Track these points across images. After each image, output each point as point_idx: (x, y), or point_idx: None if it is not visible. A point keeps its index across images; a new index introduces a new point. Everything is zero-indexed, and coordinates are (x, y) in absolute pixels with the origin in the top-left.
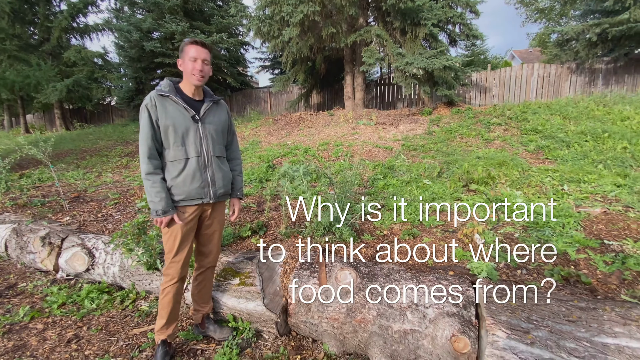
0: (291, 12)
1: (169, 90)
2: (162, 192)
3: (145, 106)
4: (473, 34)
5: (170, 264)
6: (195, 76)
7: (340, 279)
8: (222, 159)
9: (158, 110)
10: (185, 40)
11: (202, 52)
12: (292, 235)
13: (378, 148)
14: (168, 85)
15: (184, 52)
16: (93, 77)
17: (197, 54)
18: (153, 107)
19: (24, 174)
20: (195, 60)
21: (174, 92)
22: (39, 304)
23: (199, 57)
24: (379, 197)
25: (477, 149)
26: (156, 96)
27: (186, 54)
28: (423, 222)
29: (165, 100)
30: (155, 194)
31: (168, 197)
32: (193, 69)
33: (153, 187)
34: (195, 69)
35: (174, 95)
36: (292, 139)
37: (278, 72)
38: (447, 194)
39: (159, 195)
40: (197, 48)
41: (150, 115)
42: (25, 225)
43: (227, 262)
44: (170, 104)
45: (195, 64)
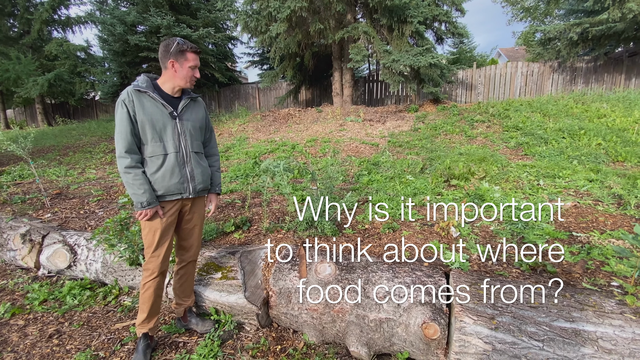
0: (278, 8)
1: (147, 87)
2: (145, 184)
3: (122, 101)
4: (459, 32)
5: (150, 259)
6: (191, 83)
7: (319, 271)
8: (201, 154)
9: (135, 106)
10: (181, 43)
11: (199, 61)
12: (275, 230)
13: (365, 144)
14: (145, 81)
15: (184, 57)
16: (76, 72)
17: (195, 62)
18: (130, 103)
19: (3, 171)
20: (194, 68)
21: (152, 88)
22: (20, 300)
23: (197, 65)
24: (363, 192)
25: (460, 146)
26: (133, 91)
27: (187, 61)
28: (404, 216)
29: (142, 96)
30: (138, 186)
31: (151, 189)
32: (191, 77)
33: (135, 179)
34: (194, 77)
35: (152, 91)
36: (280, 135)
37: (267, 68)
38: (428, 189)
39: (142, 187)
40: (196, 57)
41: (128, 111)
42: (5, 222)
43: (210, 257)
44: (147, 100)
45: (194, 72)
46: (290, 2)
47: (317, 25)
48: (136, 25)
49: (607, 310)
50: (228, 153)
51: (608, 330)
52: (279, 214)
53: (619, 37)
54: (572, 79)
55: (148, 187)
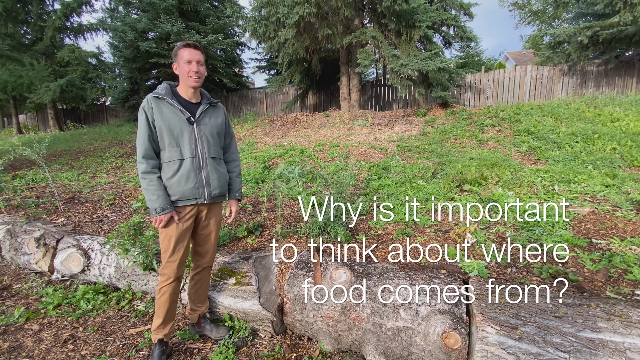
0: (287, 14)
1: (166, 93)
2: (159, 189)
3: (142, 108)
4: (467, 36)
5: (167, 264)
6: (192, 78)
7: (335, 277)
8: (219, 160)
9: (154, 112)
10: (178, 44)
11: (196, 54)
12: (287, 235)
13: (373, 149)
14: (165, 89)
15: (178, 55)
16: (87, 77)
17: (190, 56)
18: (150, 110)
19: (17, 175)
20: (190, 62)
21: (170, 94)
22: (34, 305)
23: (193, 59)
24: (373, 197)
25: (471, 150)
26: (152, 98)
27: (180, 58)
28: (417, 222)
29: (161, 103)
30: (152, 192)
31: (166, 195)
32: (189, 71)
33: (150, 185)
34: (191, 70)
35: (170, 97)
36: (288, 140)
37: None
38: (440, 195)
39: (156, 193)
40: (190, 50)
41: (147, 117)
42: (20, 226)
43: (224, 262)
44: (165, 106)
45: (190, 66)
46: (298, 8)
47: (325, 30)
48: (147, 32)
49: (635, 320)
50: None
51: (636, 341)
52: (290, 219)
53: (630, 41)
54: (582, 82)
55: (162, 193)
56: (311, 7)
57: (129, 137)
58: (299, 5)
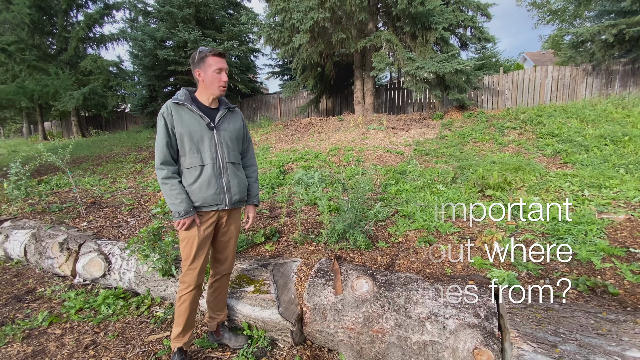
0: (301, 19)
1: (185, 99)
2: (182, 193)
3: (161, 114)
4: (485, 37)
5: (187, 272)
6: (222, 87)
7: (356, 287)
8: (238, 165)
9: (174, 119)
10: (204, 50)
11: (224, 63)
12: (305, 241)
13: (389, 153)
14: (184, 94)
15: (206, 63)
16: (108, 86)
17: (221, 65)
18: (169, 116)
19: (42, 180)
20: (220, 71)
21: (190, 100)
22: (57, 309)
23: (223, 68)
24: (392, 202)
25: (492, 154)
26: (172, 105)
27: (209, 66)
28: (439, 228)
29: (180, 109)
30: (175, 195)
31: (188, 199)
32: (219, 81)
33: (172, 189)
34: (222, 80)
35: (190, 103)
36: (303, 144)
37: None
38: (462, 200)
39: (179, 196)
40: (220, 60)
41: (166, 123)
42: (44, 230)
43: (242, 269)
44: (185, 112)
45: (220, 76)
46: (312, 13)
47: (339, 35)
48: (165, 41)
49: None
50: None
51: None
52: (307, 225)
53: None
54: (607, 82)
55: (185, 197)
56: (325, 12)
57: (147, 143)
58: (313, 10)
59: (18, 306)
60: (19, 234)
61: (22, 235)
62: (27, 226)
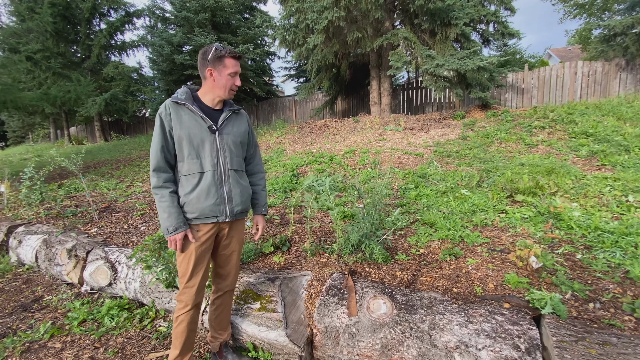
0: (316, 19)
1: (186, 98)
2: (172, 206)
3: (159, 115)
4: (508, 31)
5: (184, 290)
6: (232, 91)
7: (373, 309)
8: (241, 172)
9: (172, 120)
10: (221, 50)
11: (239, 67)
12: (317, 252)
13: (408, 155)
14: (185, 93)
15: (222, 63)
16: (129, 91)
17: (237, 69)
18: (167, 117)
19: (62, 184)
20: (235, 75)
21: (191, 100)
22: (61, 320)
23: (237, 72)
24: (411, 208)
25: (520, 155)
26: (171, 104)
27: (225, 68)
28: (465, 238)
29: (180, 109)
30: (164, 208)
31: (179, 213)
32: (232, 85)
33: (162, 201)
34: (235, 85)
35: (191, 103)
36: (317, 147)
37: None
38: (489, 206)
39: (167, 210)
40: (237, 63)
41: (163, 125)
42: (55, 236)
43: (248, 283)
44: (185, 112)
45: (235, 80)
46: (327, 12)
47: (354, 34)
48: (182, 46)
49: None
50: (266, 166)
51: None
52: (320, 233)
53: None
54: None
55: (175, 210)
56: (340, 10)
57: None
58: (327, 10)
59: (23, 315)
60: (32, 239)
61: (34, 241)
62: (39, 231)
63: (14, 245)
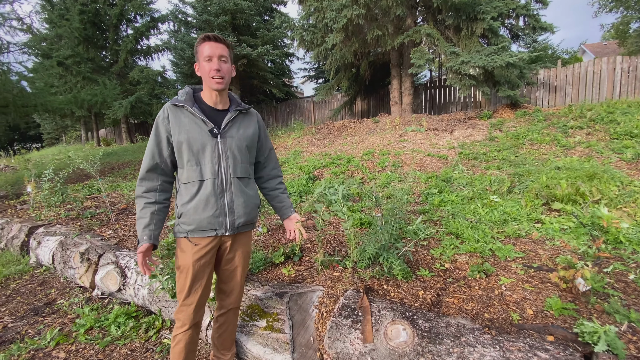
0: (334, 18)
1: (186, 100)
2: (141, 217)
3: (156, 119)
4: (541, 25)
5: (182, 307)
6: (214, 79)
7: (391, 335)
8: (247, 180)
9: (171, 124)
10: (198, 39)
11: (218, 48)
12: (330, 264)
13: (430, 157)
14: (185, 94)
15: (198, 52)
16: (153, 94)
17: (211, 51)
18: (165, 120)
19: (86, 184)
20: (210, 59)
21: (192, 101)
22: (69, 326)
23: (214, 55)
24: (434, 216)
25: (555, 158)
26: (170, 107)
27: (200, 55)
28: (496, 252)
29: (180, 112)
30: (137, 219)
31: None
32: (210, 70)
33: (137, 211)
34: (212, 69)
35: (191, 105)
36: (335, 148)
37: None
38: (522, 215)
39: (138, 222)
40: (210, 44)
41: (158, 131)
42: (72, 238)
43: (255, 297)
44: (185, 115)
45: (211, 64)
46: (346, 10)
47: (374, 32)
48: None
49: None
50: (282, 168)
51: None
52: (334, 242)
53: None
54: None
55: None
56: (360, 8)
57: None
58: (347, 8)
59: (33, 320)
60: (50, 241)
61: (52, 242)
62: (58, 232)
63: (33, 246)
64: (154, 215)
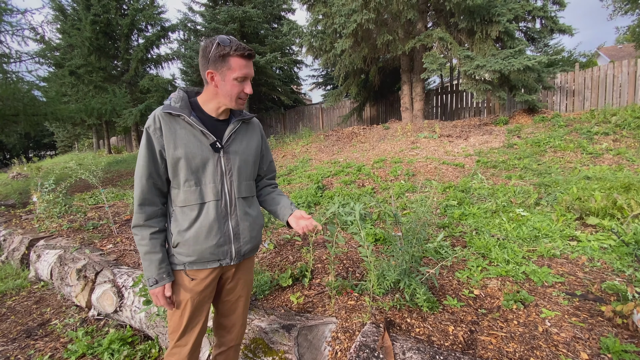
0: (344, 23)
1: (182, 107)
2: (151, 252)
3: (146, 130)
4: (559, 28)
5: (174, 349)
6: (242, 100)
7: None
8: (251, 200)
9: (164, 136)
10: (226, 44)
11: (252, 68)
12: (344, 290)
13: (446, 165)
14: (180, 99)
15: (227, 64)
16: (162, 102)
17: (247, 71)
18: (157, 132)
19: (93, 193)
20: (245, 80)
21: (188, 109)
22: (60, 352)
23: (249, 76)
24: (455, 231)
25: (582, 166)
26: (162, 116)
27: (231, 70)
28: (530, 275)
29: (174, 122)
30: (143, 255)
31: (161, 260)
32: (240, 92)
33: (140, 245)
34: (244, 92)
35: (188, 114)
36: (344, 156)
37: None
38: (554, 231)
39: (147, 257)
40: (247, 63)
41: (151, 144)
42: (70, 253)
43: (259, 329)
44: (181, 126)
45: (244, 85)
46: (356, 16)
47: (384, 37)
48: None
49: None
50: (290, 176)
51: None
52: (347, 261)
53: None
54: None
55: (156, 258)
56: (370, 13)
57: None
58: (356, 12)
59: (25, 343)
60: (49, 255)
61: (51, 257)
62: (58, 246)
63: (33, 260)
64: (163, 248)
